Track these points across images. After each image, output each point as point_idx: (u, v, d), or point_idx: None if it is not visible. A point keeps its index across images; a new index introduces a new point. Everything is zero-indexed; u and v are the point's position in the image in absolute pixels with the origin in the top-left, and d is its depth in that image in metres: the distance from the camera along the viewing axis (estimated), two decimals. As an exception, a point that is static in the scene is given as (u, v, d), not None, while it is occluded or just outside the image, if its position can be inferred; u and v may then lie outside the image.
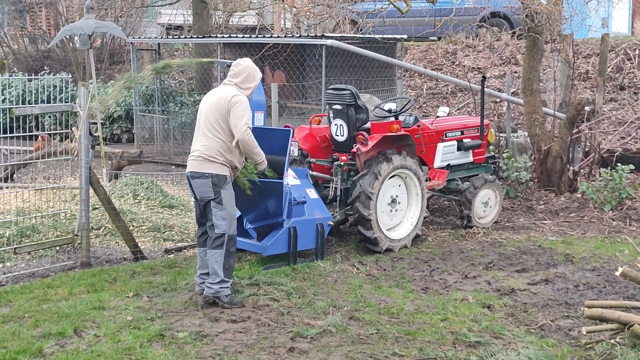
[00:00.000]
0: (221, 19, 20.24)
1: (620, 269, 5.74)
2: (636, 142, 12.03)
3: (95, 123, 10.76)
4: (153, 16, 23.04)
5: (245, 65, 6.48)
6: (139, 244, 7.84)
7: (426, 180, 8.43)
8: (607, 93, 13.73)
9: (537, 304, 6.38)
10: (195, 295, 6.43)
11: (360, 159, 7.88)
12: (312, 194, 7.69)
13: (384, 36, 14.14)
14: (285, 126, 8.06)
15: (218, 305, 6.19)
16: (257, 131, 7.50)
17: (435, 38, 18.44)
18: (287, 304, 6.28)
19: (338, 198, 8.08)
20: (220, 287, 6.17)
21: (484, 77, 9.94)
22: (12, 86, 14.94)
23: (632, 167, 10.01)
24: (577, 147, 10.82)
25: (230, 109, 6.21)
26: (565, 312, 6.16)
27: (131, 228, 8.21)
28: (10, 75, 16.73)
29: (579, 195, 10.17)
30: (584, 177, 10.66)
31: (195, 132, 6.47)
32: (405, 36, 14.97)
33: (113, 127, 16.08)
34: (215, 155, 6.23)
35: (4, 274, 7.17)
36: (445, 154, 8.93)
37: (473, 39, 17.72)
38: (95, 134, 10.34)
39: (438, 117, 9.14)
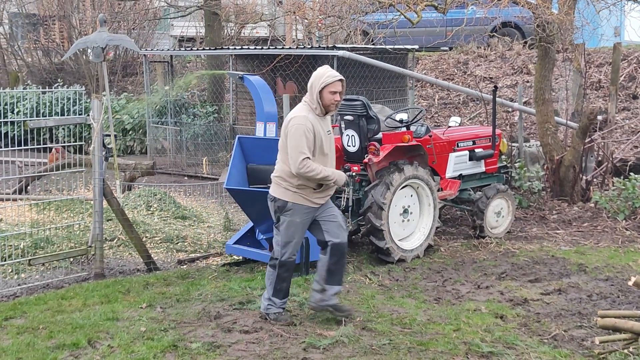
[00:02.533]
0: (233, 31, 20.35)
1: (633, 279, 5.71)
2: (649, 151, 11.98)
3: (109, 135, 10.85)
4: (165, 28, 23.18)
5: (312, 77, 6.09)
6: (152, 255, 7.88)
7: (438, 191, 8.43)
8: (620, 102, 13.68)
9: (550, 314, 6.36)
10: (208, 305, 6.44)
11: (372, 170, 7.89)
12: (324, 204, 7.69)
13: (395, 47, 14.16)
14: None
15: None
16: (269, 142, 7.55)
17: (447, 48, 18.45)
18: (299, 315, 6.29)
19: (350, 208, 8.08)
20: (268, 304, 6.14)
21: (496, 87, 9.93)
22: (26, 99, 15.05)
23: (645, 176, 9.97)
24: (589, 157, 10.79)
25: (287, 134, 5.95)
26: (579, 322, 6.14)
27: (144, 239, 8.25)
28: (24, 88, 16.87)
29: (592, 205, 10.13)
30: (597, 187, 10.63)
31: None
32: (416, 46, 14.99)
33: (126, 139, 16.16)
34: (279, 181, 6.04)
35: (19, 285, 7.22)
36: (457, 164, 8.92)
37: (484, 49, 17.71)
38: (109, 146, 10.43)
39: (450, 127, 9.14)
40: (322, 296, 6.15)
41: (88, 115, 7.53)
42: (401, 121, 8.46)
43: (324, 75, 5.96)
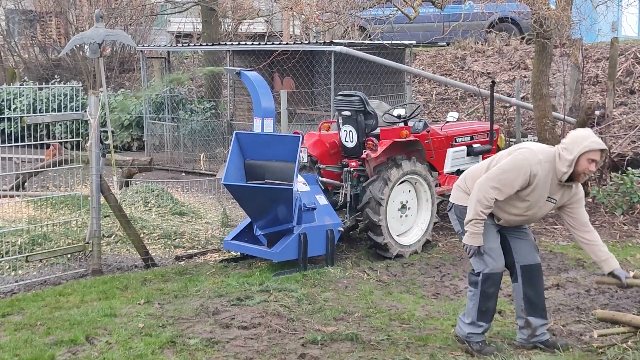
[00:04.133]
0: (230, 27, 20.31)
1: (631, 274, 5.71)
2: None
3: (106, 131, 10.82)
4: (162, 24, 23.13)
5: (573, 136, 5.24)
6: (149, 252, 7.87)
7: (436, 186, 8.43)
8: (617, 97, 13.67)
9: (549, 308, 6.33)
10: (206, 301, 6.43)
11: (369, 165, 7.88)
12: (322, 200, 7.70)
13: (393, 42, 14.15)
14: (294, 133, 8.07)
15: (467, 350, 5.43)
16: (266, 138, 7.53)
17: (444, 43, 18.43)
18: (297, 310, 6.29)
19: (348, 204, 8.09)
20: (470, 331, 5.41)
21: (494, 82, 9.93)
22: (23, 95, 15.02)
23: (643, 171, 9.97)
24: (587, 152, 10.76)
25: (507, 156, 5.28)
26: (577, 317, 6.15)
27: (142, 235, 8.24)
28: (21, 84, 16.83)
29: (590, 200, 10.13)
30: (595, 182, 10.62)
31: None
32: (414, 42, 14.98)
33: (123, 135, 16.14)
34: (460, 184, 5.48)
35: (16, 282, 7.20)
36: (455, 159, 8.92)
37: (482, 44, 17.70)
38: (106, 142, 10.41)
39: (447, 122, 9.13)
40: (529, 331, 5.48)
41: (85, 111, 7.50)
42: (399, 117, 8.46)
43: (589, 139, 5.12)
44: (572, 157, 5.07)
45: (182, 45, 18.07)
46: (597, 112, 10.98)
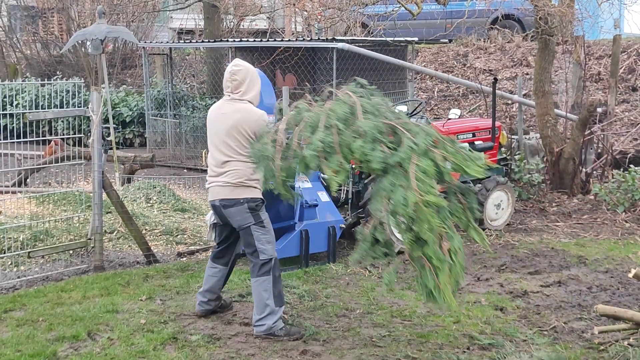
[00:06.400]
0: (232, 23, 20.30)
1: (633, 271, 5.71)
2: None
3: (108, 127, 10.83)
4: (164, 21, 23.12)
5: (244, 68, 5.81)
6: (151, 248, 7.87)
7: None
8: (620, 94, 13.66)
9: (550, 306, 6.36)
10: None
11: (371, 162, 7.86)
12: (324, 196, 7.69)
13: (395, 39, 14.14)
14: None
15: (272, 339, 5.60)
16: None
17: (447, 40, 18.42)
18: (299, 307, 6.29)
19: (350, 201, 8.09)
20: (273, 323, 5.58)
21: (496, 79, 9.92)
22: (25, 91, 15.03)
23: (645, 168, 9.96)
24: (589, 149, 10.78)
25: (256, 131, 5.55)
26: (579, 314, 6.14)
27: (144, 232, 8.24)
28: (23, 81, 16.84)
29: (592, 197, 10.14)
30: (597, 179, 10.62)
31: (211, 156, 5.81)
32: (416, 39, 14.96)
33: (125, 131, 16.15)
34: (246, 181, 5.60)
35: (18, 277, 7.21)
36: (456, 156, 8.89)
37: (484, 41, 17.69)
38: (108, 138, 10.42)
39: (449, 119, 9.13)
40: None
41: (87, 107, 7.51)
42: (401, 113, 8.44)
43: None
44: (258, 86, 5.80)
45: (184, 42, 18.07)
46: (599, 110, 10.97)
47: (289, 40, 15.15)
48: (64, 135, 12.10)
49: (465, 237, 8.56)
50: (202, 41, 16.31)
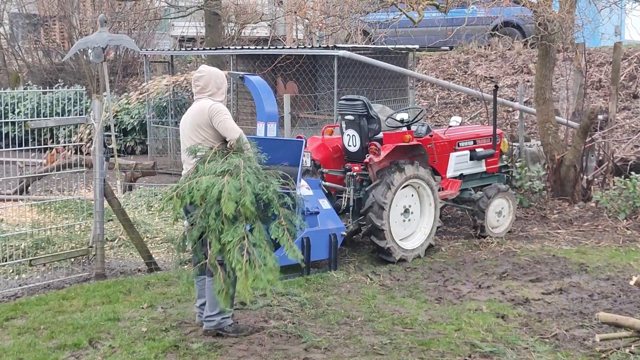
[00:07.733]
0: (234, 31, 20.34)
1: (634, 278, 5.72)
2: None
3: (110, 135, 10.85)
4: (166, 28, 23.18)
5: (207, 74, 5.97)
6: (153, 256, 7.88)
7: (439, 190, 8.43)
8: (620, 101, 13.67)
9: (552, 313, 6.36)
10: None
11: (372, 169, 7.89)
12: (325, 204, 7.70)
13: (396, 46, 14.16)
14: (297, 137, 8.08)
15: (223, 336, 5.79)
16: (269, 142, 7.53)
17: (447, 48, 18.43)
18: (300, 315, 6.29)
19: (351, 208, 8.10)
20: (222, 319, 5.78)
21: (497, 87, 9.94)
22: (27, 99, 15.06)
23: (646, 175, 9.96)
24: (590, 156, 10.78)
25: (211, 118, 5.76)
26: (580, 322, 6.14)
27: (145, 239, 8.25)
28: (24, 89, 16.88)
29: (593, 204, 10.13)
30: (598, 186, 10.62)
31: (183, 155, 6.04)
32: (417, 46, 14.97)
33: (127, 139, 16.17)
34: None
35: (20, 285, 7.22)
36: (458, 163, 8.92)
37: (485, 48, 17.70)
38: (110, 146, 10.43)
39: (450, 126, 9.14)
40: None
41: (89, 115, 7.52)
42: (402, 121, 8.46)
43: None
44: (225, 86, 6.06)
45: (186, 50, 18.09)
46: (600, 117, 10.97)
47: (290, 48, 15.16)
48: (65, 143, 12.11)
49: (468, 245, 8.60)
50: (204, 49, 16.33)
